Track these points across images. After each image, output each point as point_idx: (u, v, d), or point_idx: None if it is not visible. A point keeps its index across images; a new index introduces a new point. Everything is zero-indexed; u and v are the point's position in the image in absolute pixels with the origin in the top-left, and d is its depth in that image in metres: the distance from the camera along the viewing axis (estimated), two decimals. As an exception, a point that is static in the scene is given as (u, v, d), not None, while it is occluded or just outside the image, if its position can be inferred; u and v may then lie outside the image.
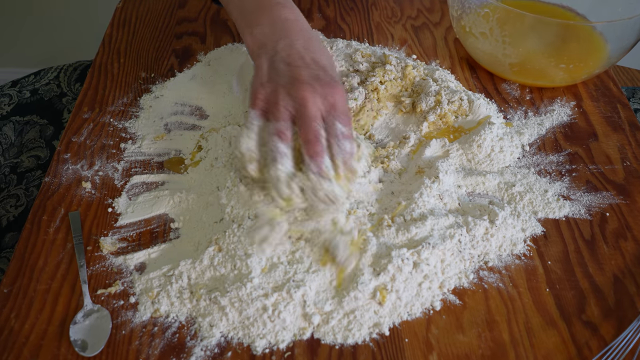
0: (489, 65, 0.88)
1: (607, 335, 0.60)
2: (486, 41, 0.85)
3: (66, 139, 0.78)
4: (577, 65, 0.83)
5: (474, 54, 0.89)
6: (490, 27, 0.83)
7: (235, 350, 0.59)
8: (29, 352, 0.58)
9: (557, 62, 0.83)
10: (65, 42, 2.07)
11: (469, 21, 0.86)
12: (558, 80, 0.86)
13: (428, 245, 0.64)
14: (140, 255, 0.66)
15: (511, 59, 0.84)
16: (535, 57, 0.83)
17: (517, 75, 0.87)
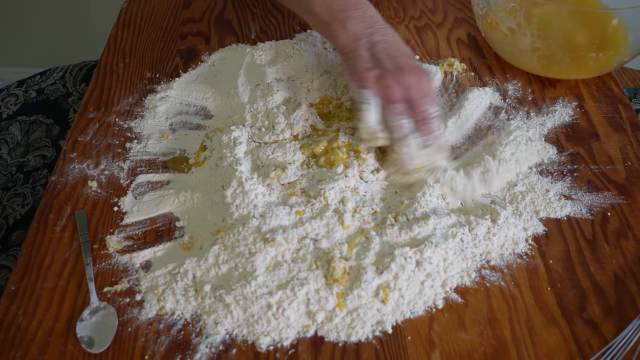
0: (517, 61, 0.89)
1: (608, 334, 0.61)
2: (514, 36, 0.85)
3: (72, 139, 0.79)
4: (606, 53, 0.83)
5: (501, 51, 0.90)
6: (518, 21, 0.84)
7: (239, 347, 0.60)
8: (36, 349, 0.59)
9: (587, 51, 0.83)
10: (70, 43, 2.08)
11: (496, 17, 0.87)
12: (588, 71, 0.86)
13: (431, 244, 0.64)
14: (145, 254, 0.67)
15: (540, 51, 0.85)
16: (566, 48, 0.84)
17: (547, 69, 0.87)
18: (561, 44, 0.84)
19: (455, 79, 0.89)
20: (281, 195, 0.71)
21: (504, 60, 0.92)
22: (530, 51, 0.85)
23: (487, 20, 0.88)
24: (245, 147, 0.74)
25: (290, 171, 0.71)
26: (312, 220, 0.67)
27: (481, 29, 0.92)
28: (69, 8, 2.01)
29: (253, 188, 0.68)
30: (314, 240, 0.65)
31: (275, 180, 0.71)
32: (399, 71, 0.71)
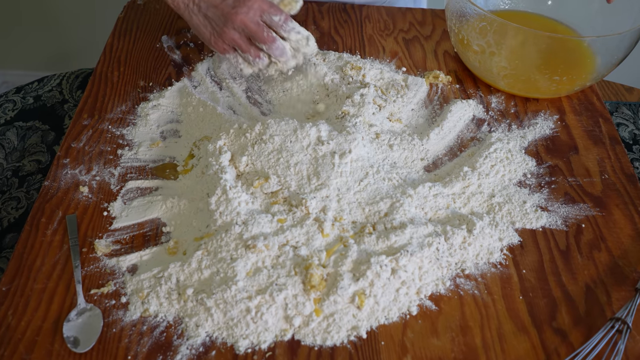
0: (483, 76, 0.91)
1: (576, 342, 0.63)
2: (483, 54, 0.88)
3: (66, 145, 0.81)
4: (569, 77, 0.86)
5: (469, 65, 0.92)
6: (487, 40, 0.86)
7: (219, 349, 0.62)
8: (24, 348, 0.61)
9: (551, 75, 0.85)
10: (68, 50, 2.11)
11: (467, 34, 0.89)
12: (550, 92, 0.89)
13: (406, 253, 0.67)
14: (132, 258, 0.69)
15: (506, 71, 0.87)
16: (529, 70, 0.87)
17: (510, 87, 0.90)
18: (527, 67, 0.87)
19: (440, 91, 0.92)
20: (264, 203, 0.73)
21: (489, 74, 0.94)
22: (496, 70, 0.88)
23: (459, 37, 0.91)
24: (229, 155, 0.76)
25: (273, 180, 0.74)
26: (292, 228, 0.69)
27: (453, 43, 0.95)
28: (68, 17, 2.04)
29: (236, 196, 0.71)
30: (293, 248, 0.68)
31: (259, 189, 0.74)
32: (228, 20, 0.80)
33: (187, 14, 0.83)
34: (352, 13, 1.07)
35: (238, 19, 0.79)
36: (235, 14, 0.79)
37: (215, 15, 0.81)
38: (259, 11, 0.80)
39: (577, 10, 0.96)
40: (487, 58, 0.88)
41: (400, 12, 1.07)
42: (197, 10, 0.82)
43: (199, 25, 0.83)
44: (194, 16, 0.83)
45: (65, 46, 2.12)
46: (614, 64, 0.85)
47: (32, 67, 2.09)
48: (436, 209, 0.73)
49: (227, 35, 0.81)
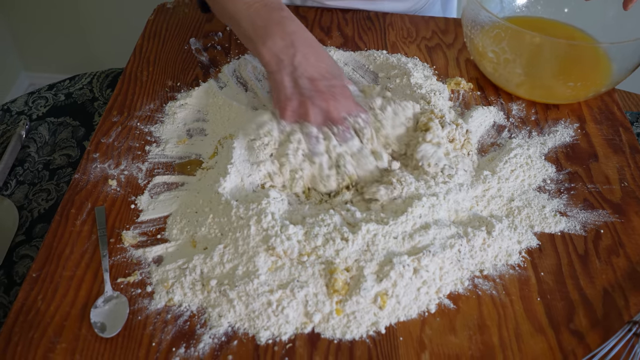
0: (499, 83, 0.93)
1: (593, 344, 0.64)
2: (497, 61, 0.89)
3: (96, 140, 0.84)
4: (584, 83, 0.87)
5: (486, 72, 0.94)
6: (501, 47, 0.87)
7: (240, 339, 0.63)
8: (52, 331, 0.64)
9: (565, 81, 0.87)
10: (99, 51, 2.17)
11: (482, 41, 0.90)
12: (564, 98, 0.90)
13: (429, 253, 0.68)
14: (158, 249, 0.71)
15: (520, 78, 0.88)
16: (544, 77, 0.88)
17: (527, 94, 0.91)
18: (542, 73, 0.87)
19: (461, 97, 0.93)
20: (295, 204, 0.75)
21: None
22: (511, 77, 0.89)
23: (474, 43, 0.92)
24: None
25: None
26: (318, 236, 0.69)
27: (470, 52, 0.96)
28: (99, 20, 2.10)
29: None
30: (317, 255, 0.68)
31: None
32: (316, 96, 0.75)
33: (277, 68, 0.77)
34: (376, 20, 1.09)
35: (327, 102, 0.75)
36: (328, 97, 0.75)
37: (306, 86, 0.75)
38: (347, 107, 0.76)
39: (593, 16, 0.96)
40: (502, 65, 0.89)
41: (423, 21, 1.09)
42: (290, 70, 0.76)
43: (282, 85, 0.76)
44: (284, 75, 0.76)
45: (94, 49, 2.18)
46: (630, 70, 0.86)
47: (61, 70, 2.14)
48: (460, 210, 0.74)
49: (305, 107, 0.75)
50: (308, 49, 0.77)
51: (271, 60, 0.77)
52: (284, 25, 0.77)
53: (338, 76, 0.79)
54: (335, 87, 0.77)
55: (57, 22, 2.13)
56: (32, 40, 2.21)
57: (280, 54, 0.76)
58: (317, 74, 0.76)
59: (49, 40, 2.19)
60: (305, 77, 0.76)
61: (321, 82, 0.76)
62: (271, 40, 0.77)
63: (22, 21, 2.15)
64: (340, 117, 0.76)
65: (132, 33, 1.15)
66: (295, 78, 0.76)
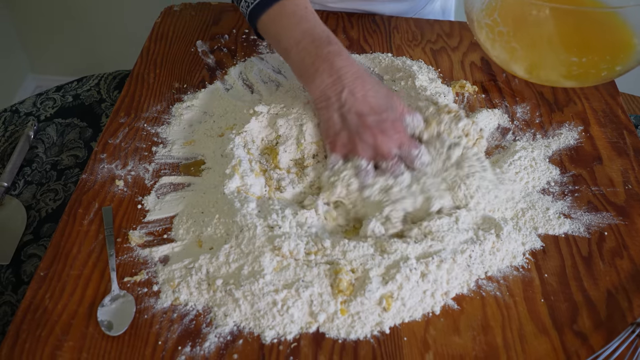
0: (499, 62, 0.86)
1: (597, 345, 0.64)
2: (492, 35, 0.81)
3: (103, 141, 0.85)
4: (590, 59, 0.76)
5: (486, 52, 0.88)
6: (494, 19, 0.79)
7: (246, 338, 0.64)
8: (60, 329, 0.64)
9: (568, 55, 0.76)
10: (106, 53, 2.18)
11: (478, 17, 0.83)
12: (572, 79, 0.79)
13: (439, 258, 0.68)
14: (164, 249, 0.72)
15: (517, 53, 0.81)
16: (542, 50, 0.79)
17: (528, 73, 0.84)
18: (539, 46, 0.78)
19: (466, 100, 0.94)
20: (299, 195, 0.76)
21: (515, 84, 0.96)
22: (508, 53, 0.81)
23: (474, 22, 0.86)
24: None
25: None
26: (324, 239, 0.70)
27: (474, 34, 0.91)
28: (107, 22, 2.11)
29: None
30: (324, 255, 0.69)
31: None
32: (364, 132, 0.75)
33: (325, 105, 0.78)
34: (381, 23, 1.09)
35: (375, 137, 0.74)
36: (376, 132, 0.75)
37: (354, 122, 0.75)
38: (398, 142, 0.76)
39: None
40: (496, 40, 0.82)
41: (428, 24, 1.10)
42: (337, 107, 0.76)
43: (331, 121, 0.77)
44: (332, 112, 0.77)
45: (101, 51, 2.19)
46: None
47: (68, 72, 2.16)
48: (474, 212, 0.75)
49: (354, 144, 0.75)
50: (355, 84, 0.77)
51: (319, 98, 0.78)
52: (332, 61, 0.77)
53: (389, 109, 0.77)
54: (385, 121, 0.75)
55: (64, 24, 2.15)
56: (39, 43, 2.23)
57: (328, 91, 0.77)
58: (366, 108, 0.76)
59: (56, 42, 2.21)
60: (353, 112, 0.75)
61: (369, 117, 0.75)
62: (319, 78, 0.77)
63: (29, 23, 2.17)
64: (390, 153, 0.75)
65: (139, 35, 1.16)
66: (343, 114, 0.76)
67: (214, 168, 0.80)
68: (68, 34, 2.17)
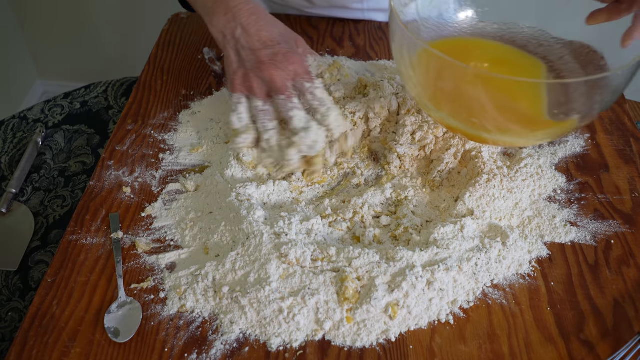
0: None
1: (603, 355, 0.64)
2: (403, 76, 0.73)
3: (110, 148, 0.85)
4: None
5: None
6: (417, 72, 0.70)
7: (252, 346, 0.64)
8: (67, 336, 0.65)
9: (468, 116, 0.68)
10: (114, 60, 2.20)
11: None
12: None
13: (445, 266, 0.68)
14: (171, 256, 0.72)
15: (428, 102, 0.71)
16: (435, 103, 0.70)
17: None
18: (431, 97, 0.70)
19: None
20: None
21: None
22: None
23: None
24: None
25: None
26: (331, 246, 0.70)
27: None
28: (114, 29, 2.13)
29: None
30: (329, 261, 0.69)
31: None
32: (257, 67, 0.77)
33: (223, 44, 0.81)
34: (387, 30, 1.10)
35: (268, 72, 0.76)
36: (269, 65, 0.76)
37: (248, 58, 0.78)
38: (292, 73, 0.77)
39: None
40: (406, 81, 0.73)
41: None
42: (233, 44, 0.79)
43: (229, 58, 0.80)
44: (229, 49, 0.80)
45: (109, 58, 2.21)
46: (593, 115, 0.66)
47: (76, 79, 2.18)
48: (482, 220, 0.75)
49: (249, 79, 0.77)
50: (249, 20, 0.79)
51: (218, 37, 0.81)
52: (227, 1, 0.80)
53: (283, 42, 0.79)
54: (278, 54, 0.77)
55: (72, 31, 2.16)
56: (48, 49, 2.24)
57: (224, 30, 0.80)
58: (259, 43, 0.78)
59: (63, 48, 2.22)
60: (247, 48, 0.78)
61: (263, 52, 0.77)
62: (216, 17, 0.81)
63: (37, 30, 2.18)
64: (284, 86, 0.76)
65: (146, 43, 1.17)
66: (238, 51, 0.79)
67: (218, 174, 0.80)
68: (76, 40, 2.18)
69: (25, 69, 2.26)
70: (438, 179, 0.80)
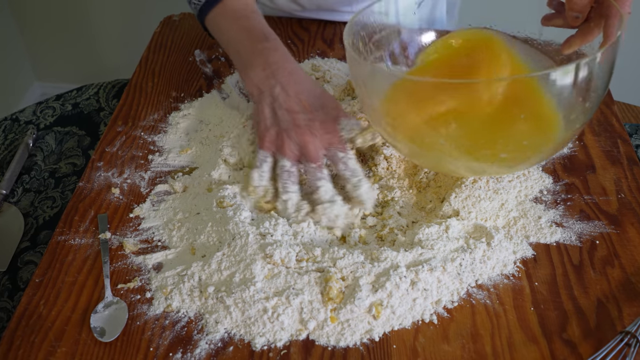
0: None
1: (586, 354, 0.64)
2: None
3: (100, 149, 0.86)
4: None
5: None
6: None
7: (236, 345, 0.64)
8: (53, 335, 0.65)
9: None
10: (112, 62, 2.21)
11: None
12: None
13: (429, 266, 0.68)
14: (158, 256, 0.73)
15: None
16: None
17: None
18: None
19: None
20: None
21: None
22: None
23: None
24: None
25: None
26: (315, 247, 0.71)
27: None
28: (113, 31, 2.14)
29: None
30: (314, 261, 0.70)
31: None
32: (293, 129, 0.75)
33: (257, 99, 0.79)
34: (378, 33, 1.10)
35: (303, 137, 0.74)
36: (304, 130, 0.75)
37: (284, 118, 0.76)
38: (327, 143, 0.75)
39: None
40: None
41: (424, 33, 1.10)
42: (269, 101, 0.77)
43: (263, 114, 0.77)
44: (265, 106, 0.77)
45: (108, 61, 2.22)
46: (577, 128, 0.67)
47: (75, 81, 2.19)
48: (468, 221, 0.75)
49: (281, 140, 0.75)
50: (288, 80, 0.77)
51: (252, 91, 0.79)
52: (267, 56, 0.79)
53: (320, 109, 0.77)
54: (315, 120, 0.75)
55: (70, 33, 2.17)
56: (46, 52, 2.25)
57: (261, 85, 0.78)
58: (297, 106, 0.76)
59: (62, 51, 2.24)
60: (284, 109, 0.76)
61: (299, 115, 0.75)
62: (253, 71, 0.79)
63: (35, 32, 2.20)
64: (316, 154, 0.75)
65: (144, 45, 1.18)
66: (274, 110, 0.77)
67: (207, 175, 0.81)
68: (74, 42, 2.20)
69: (23, 71, 2.27)
70: (425, 180, 0.81)
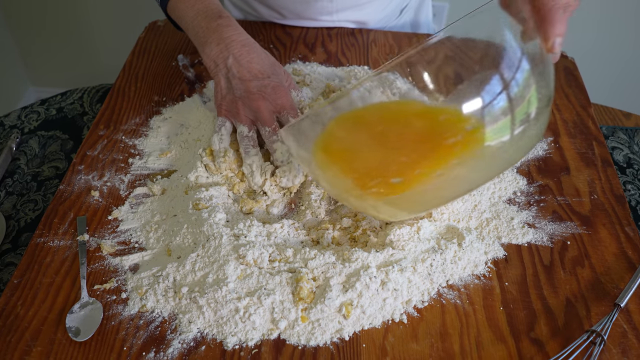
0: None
1: (552, 353, 0.65)
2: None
3: (82, 153, 0.87)
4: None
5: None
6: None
7: (209, 345, 0.65)
8: (29, 335, 0.66)
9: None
10: (107, 67, 2.23)
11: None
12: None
13: (399, 267, 0.69)
14: (134, 257, 0.74)
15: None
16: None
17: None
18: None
19: None
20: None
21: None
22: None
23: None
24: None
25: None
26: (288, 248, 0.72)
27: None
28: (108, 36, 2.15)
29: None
30: (286, 262, 0.71)
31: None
32: (246, 97, 0.80)
33: (214, 71, 0.84)
34: (360, 37, 1.11)
35: (256, 103, 0.80)
36: (257, 96, 0.80)
37: (238, 87, 0.81)
38: (279, 107, 0.80)
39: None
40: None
41: (406, 37, 1.12)
42: (224, 72, 0.82)
43: (218, 85, 0.83)
44: (220, 77, 0.83)
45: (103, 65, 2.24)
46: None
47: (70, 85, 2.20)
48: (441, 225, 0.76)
49: (236, 106, 0.81)
50: (241, 52, 0.82)
51: (210, 65, 0.84)
52: (220, 32, 0.84)
53: (272, 75, 0.82)
54: (267, 86, 0.80)
55: (64, 38, 2.19)
56: (41, 56, 2.27)
57: (216, 59, 0.83)
58: (249, 74, 0.81)
59: (56, 55, 2.25)
60: (237, 77, 0.81)
61: (252, 82, 0.81)
62: (209, 46, 0.84)
63: (30, 37, 2.21)
64: (270, 118, 0.80)
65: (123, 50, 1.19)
66: (229, 79, 0.82)
67: (185, 178, 0.82)
68: (69, 47, 2.21)
69: (18, 76, 2.29)
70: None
